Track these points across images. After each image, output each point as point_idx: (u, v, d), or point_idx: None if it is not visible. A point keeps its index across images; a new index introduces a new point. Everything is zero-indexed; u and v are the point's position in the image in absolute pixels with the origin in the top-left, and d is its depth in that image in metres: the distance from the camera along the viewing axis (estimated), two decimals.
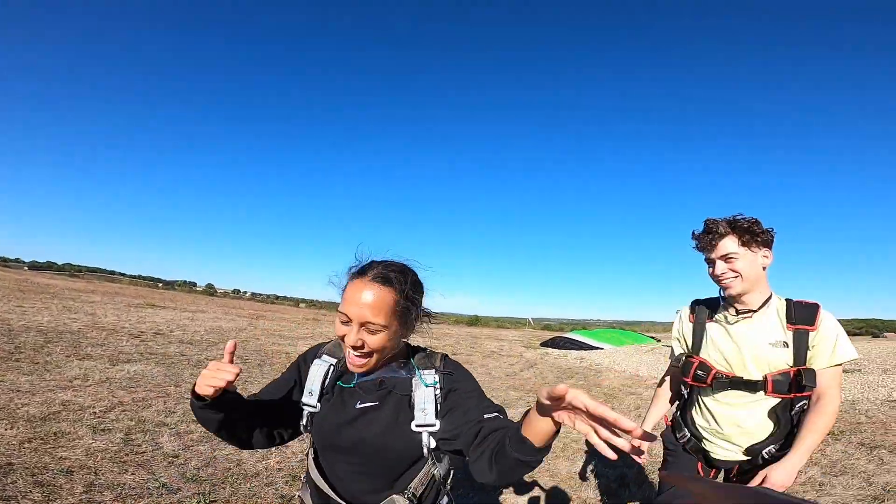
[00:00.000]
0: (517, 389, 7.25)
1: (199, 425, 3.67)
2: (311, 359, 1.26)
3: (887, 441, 4.30)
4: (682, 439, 1.85)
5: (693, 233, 1.72)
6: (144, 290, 26.98)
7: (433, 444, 1.11)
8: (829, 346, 1.57)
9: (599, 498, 3.21)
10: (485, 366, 9.71)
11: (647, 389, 7.51)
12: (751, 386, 1.63)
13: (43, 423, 3.42)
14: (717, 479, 1.79)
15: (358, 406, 1.14)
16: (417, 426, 1.10)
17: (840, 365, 1.57)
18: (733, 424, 1.68)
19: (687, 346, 1.83)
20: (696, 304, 1.86)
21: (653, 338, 19.20)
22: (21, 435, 3.15)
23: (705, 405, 1.76)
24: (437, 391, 1.13)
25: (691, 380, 1.75)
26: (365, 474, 1.14)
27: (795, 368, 1.58)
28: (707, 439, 1.77)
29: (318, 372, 1.22)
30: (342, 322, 1.09)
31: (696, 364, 1.73)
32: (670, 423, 1.95)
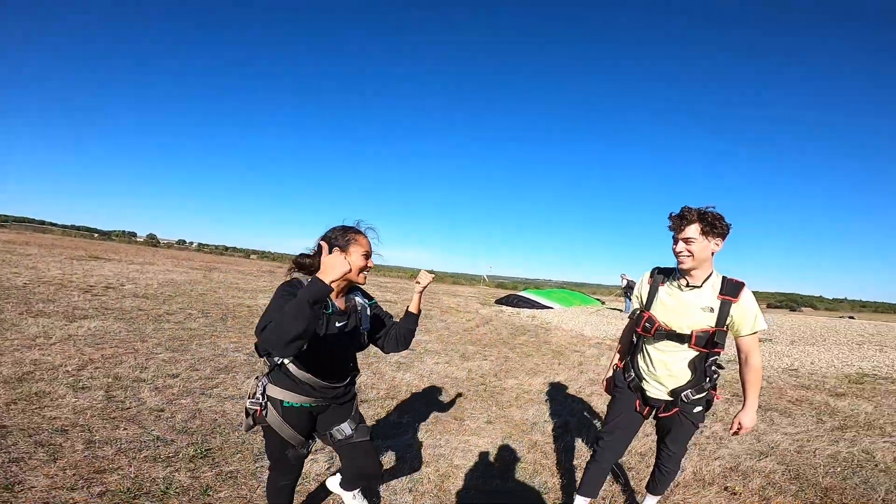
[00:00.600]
0: (474, 344, 7.72)
1: (177, 379, 3.86)
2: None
3: (780, 405, 4.99)
4: (627, 379, 2.32)
5: (670, 214, 2.11)
6: (81, 242, 25.40)
7: (365, 340, 2.05)
8: (750, 318, 2.03)
9: (546, 440, 3.67)
10: (443, 321, 10.15)
11: (589, 348, 8.19)
12: (680, 338, 2.10)
13: (20, 384, 3.47)
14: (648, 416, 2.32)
15: (337, 325, 1.88)
16: (363, 330, 2.00)
17: (756, 333, 2.06)
18: (665, 368, 2.16)
19: (642, 302, 2.28)
20: (655, 271, 2.31)
21: (598, 300, 20.44)
22: (4, 396, 3.21)
23: (647, 352, 2.23)
24: (369, 311, 2.06)
25: (640, 330, 2.22)
26: (341, 367, 1.95)
27: (714, 329, 2.05)
28: (645, 380, 2.24)
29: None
30: (364, 256, 1.86)
31: (645, 318, 2.20)
32: (622, 366, 2.42)
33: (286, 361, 1.81)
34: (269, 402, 1.84)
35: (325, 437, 1.99)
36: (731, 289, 2.06)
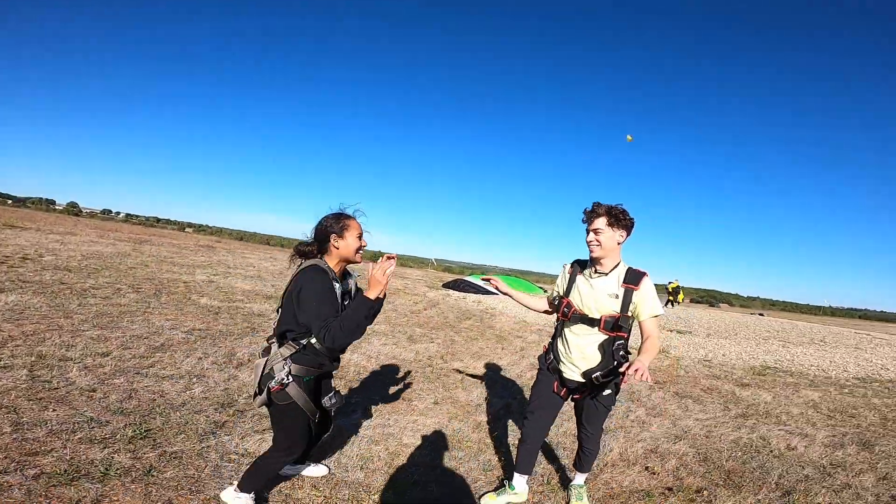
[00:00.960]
0: (421, 326, 7.85)
1: (108, 358, 3.70)
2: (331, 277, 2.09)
3: (694, 392, 5.49)
4: (547, 361, 2.57)
5: (585, 209, 2.40)
6: None
7: None
8: (649, 304, 2.30)
9: (489, 421, 3.86)
10: (391, 302, 10.17)
11: (531, 334, 8.55)
12: (591, 322, 2.34)
13: None
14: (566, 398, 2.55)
15: (344, 303, 2.13)
16: None
17: (657, 316, 2.31)
18: (578, 351, 2.39)
19: (562, 290, 2.54)
20: (574, 262, 2.58)
21: (541, 288, 21.17)
22: None
23: (565, 335, 2.47)
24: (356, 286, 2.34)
25: (560, 315, 2.49)
26: None
27: (619, 314, 2.29)
28: (562, 362, 2.48)
29: (337, 287, 2.10)
30: (358, 238, 2.17)
31: (564, 303, 2.46)
32: (546, 348, 2.67)
33: (312, 340, 2.04)
34: (294, 380, 2.04)
35: (315, 417, 2.21)
36: (633, 278, 2.31)
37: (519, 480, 2.63)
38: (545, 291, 21.51)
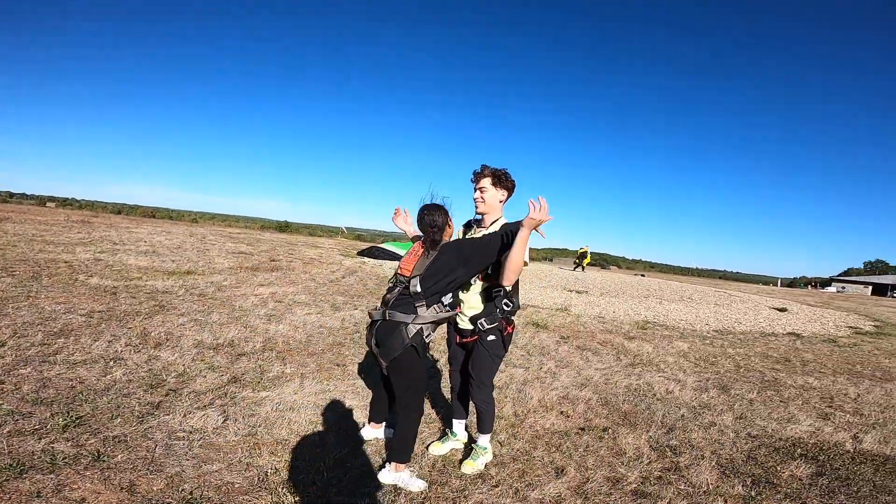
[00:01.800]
0: (343, 294, 7.93)
1: (4, 348, 3.41)
2: None
3: (593, 345, 6.30)
4: None
5: (473, 170, 2.70)
6: None
7: None
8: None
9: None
10: (308, 272, 10.04)
11: None
12: None
13: None
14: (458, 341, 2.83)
15: None
16: None
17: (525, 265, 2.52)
18: (466, 299, 2.69)
19: None
20: (466, 222, 2.94)
21: None
22: None
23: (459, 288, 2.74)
24: None
25: None
26: None
27: (495, 262, 2.53)
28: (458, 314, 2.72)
29: None
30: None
31: None
32: None
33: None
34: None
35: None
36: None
37: (458, 426, 2.98)
38: None
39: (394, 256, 15.56)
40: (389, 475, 2.47)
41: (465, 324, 2.72)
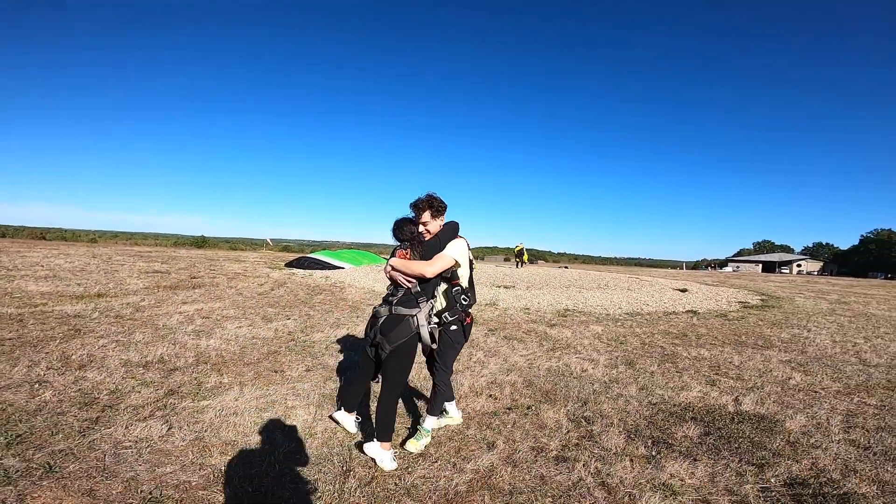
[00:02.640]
0: (273, 306, 7.86)
1: None
2: None
3: (518, 335, 6.80)
4: None
5: (410, 204, 3.01)
6: None
7: None
8: (462, 258, 3.05)
9: None
10: (233, 287, 9.77)
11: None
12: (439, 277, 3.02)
13: None
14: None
15: None
16: None
17: (448, 258, 2.95)
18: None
19: None
20: None
21: (385, 259, 22.04)
22: None
23: None
24: None
25: None
26: None
27: (449, 267, 2.96)
28: None
29: None
30: None
31: None
32: None
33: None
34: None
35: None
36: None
37: (449, 406, 3.42)
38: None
39: (324, 266, 15.42)
40: (373, 448, 2.81)
41: (434, 318, 3.09)
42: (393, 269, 2.92)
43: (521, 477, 2.74)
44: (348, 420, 3.18)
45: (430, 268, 2.84)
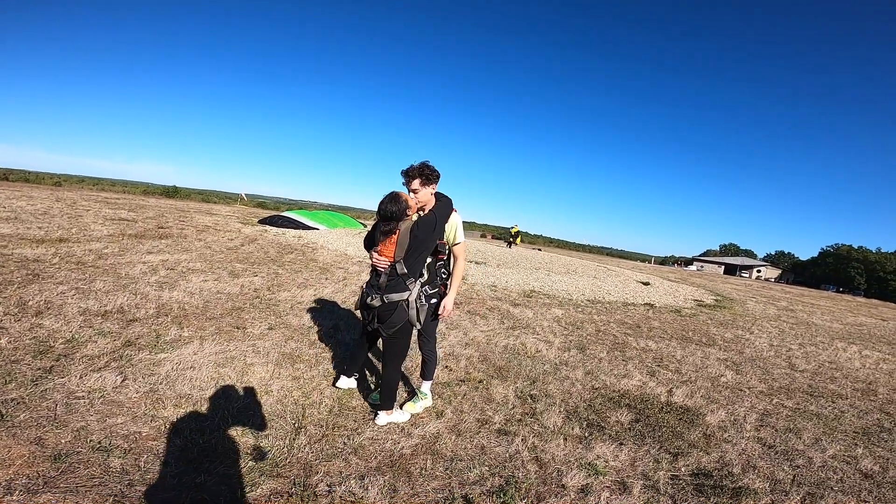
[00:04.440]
0: (242, 262, 7.83)
1: None
2: None
3: (481, 310, 6.98)
4: None
5: (401, 171, 3.01)
6: None
7: None
8: (455, 231, 3.13)
9: (322, 340, 4.45)
10: (202, 240, 9.64)
11: (353, 265, 9.25)
12: None
13: None
14: None
15: None
16: None
17: (459, 243, 3.16)
18: None
19: None
20: None
21: (362, 223, 21.93)
22: None
23: None
24: None
25: None
26: None
27: (439, 241, 3.07)
28: None
29: None
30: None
31: None
32: None
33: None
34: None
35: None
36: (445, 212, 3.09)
37: (425, 386, 3.48)
38: (365, 226, 22.26)
39: (298, 225, 15.25)
40: (385, 418, 3.06)
41: None
42: (378, 257, 2.93)
43: (463, 445, 2.92)
44: (350, 383, 3.45)
45: (464, 261, 3.15)
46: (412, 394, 3.61)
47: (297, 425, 2.83)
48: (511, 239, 30.20)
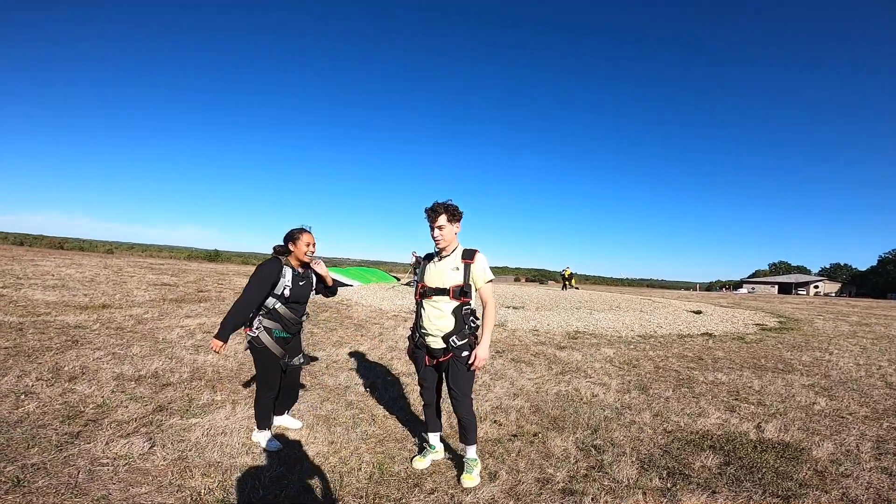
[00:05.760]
0: None
1: None
2: (281, 268, 3.04)
3: (526, 357, 6.53)
4: (415, 339, 3.02)
5: (425, 209, 2.86)
6: None
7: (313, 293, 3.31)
8: (481, 272, 2.84)
9: (359, 399, 4.16)
10: None
11: (388, 320, 9.01)
12: (442, 291, 2.82)
13: None
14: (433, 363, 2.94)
15: (300, 283, 3.11)
16: (313, 284, 3.28)
17: (490, 282, 2.87)
18: (437, 319, 2.82)
19: (419, 278, 3.04)
20: (426, 255, 3.06)
21: (395, 277, 21.96)
22: None
23: (424, 309, 2.90)
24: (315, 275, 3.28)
25: (418, 296, 2.98)
26: (303, 307, 3.21)
27: (462, 283, 2.80)
28: (427, 334, 2.88)
29: (290, 273, 3.05)
30: (311, 244, 3.11)
31: (420, 286, 2.97)
32: (412, 327, 3.09)
33: (277, 306, 3.01)
34: (265, 331, 2.97)
35: (289, 364, 3.18)
36: (468, 255, 2.85)
37: (433, 438, 3.11)
38: (398, 280, 22.29)
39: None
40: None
41: (437, 343, 2.83)
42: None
43: None
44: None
45: (495, 303, 2.89)
46: (459, 463, 3.07)
47: (334, 497, 2.50)
48: (566, 281, 29.58)
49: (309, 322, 8.00)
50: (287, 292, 3.02)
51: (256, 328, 2.95)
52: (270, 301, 2.99)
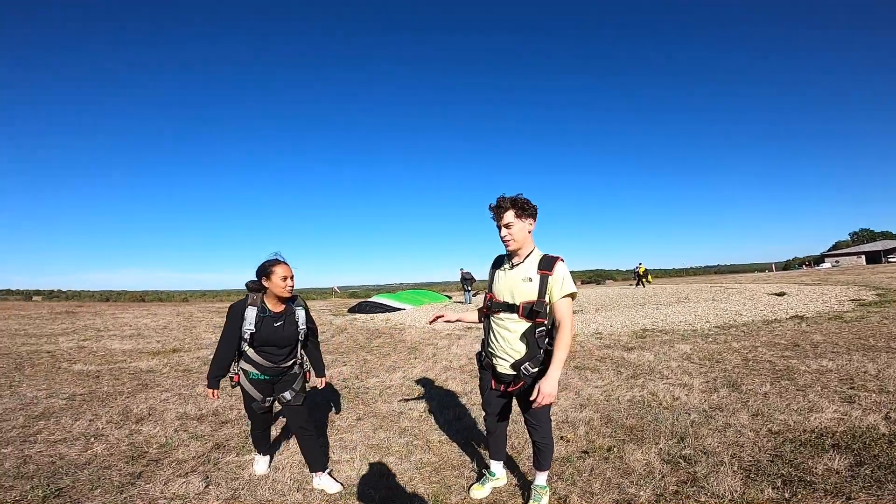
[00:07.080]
0: (331, 353, 7.71)
1: None
2: (244, 308, 2.76)
3: (590, 363, 6.02)
4: (482, 359, 2.65)
5: (490, 206, 2.42)
6: None
7: (303, 336, 2.90)
8: (559, 284, 2.32)
9: (413, 425, 3.94)
10: None
11: (441, 340, 8.74)
12: (511, 308, 2.40)
13: None
14: (500, 389, 2.58)
15: (274, 325, 2.76)
16: (300, 329, 2.86)
17: (568, 296, 2.32)
18: (505, 342, 2.43)
19: (488, 287, 2.62)
20: (495, 260, 2.63)
21: (447, 296, 21.85)
22: None
23: (492, 328, 2.52)
24: (306, 315, 2.94)
25: (485, 309, 2.58)
26: (283, 351, 2.84)
27: (536, 299, 2.33)
28: (494, 356, 2.51)
29: (252, 313, 2.74)
30: (288, 278, 2.74)
31: (488, 297, 2.56)
32: (481, 346, 2.71)
33: (246, 349, 2.77)
34: (241, 372, 2.83)
35: (277, 399, 2.91)
36: (547, 264, 2.36)
37: (496, 466, 2.78)
38: (450, 298, 22.16)
39: (385, 308, 15.37)
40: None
41: (505, 369, 2.46)
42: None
43: None
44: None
45: (571, 325, 2.31)
46: (524, 489, 2.75)
47: None
48: (641, 278, 28.26)
49: (363, 350, 7.94)
50: (248, 336, 2.71)
51: (235, 371, 2.85)
52: (243, 344, 2.77)
